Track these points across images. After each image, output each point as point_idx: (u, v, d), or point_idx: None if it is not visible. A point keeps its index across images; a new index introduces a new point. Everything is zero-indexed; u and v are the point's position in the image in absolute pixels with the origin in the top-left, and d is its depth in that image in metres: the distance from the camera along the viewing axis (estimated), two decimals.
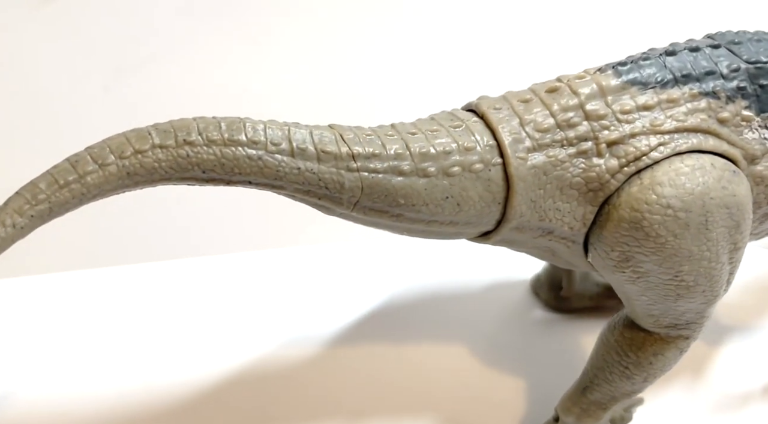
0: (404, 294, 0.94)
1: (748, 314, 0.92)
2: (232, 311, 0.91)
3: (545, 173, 0.65)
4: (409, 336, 0.88)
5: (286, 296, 0.94)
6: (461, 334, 0.89)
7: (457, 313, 0.92)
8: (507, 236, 0.68)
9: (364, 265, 0.98)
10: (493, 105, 0.67)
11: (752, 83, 0.68)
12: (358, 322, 0.90)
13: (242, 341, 0.87)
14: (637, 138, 0.65)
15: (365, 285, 0.95)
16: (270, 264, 0.99)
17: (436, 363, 0.85)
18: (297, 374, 0.83)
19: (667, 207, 0.63)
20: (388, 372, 0.84)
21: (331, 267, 0.99)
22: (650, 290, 0.68)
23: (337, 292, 0.94)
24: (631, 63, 0.68)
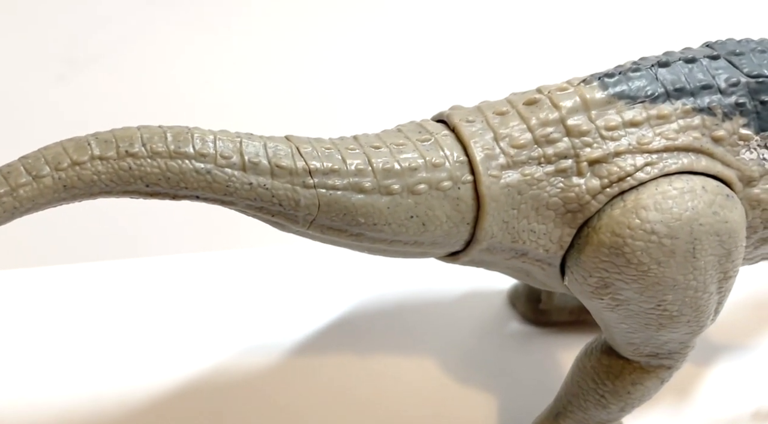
0: (373, 302, 0.90)
1: (740, 333, 0.88)
2: (191, 315, 0.87)
3: (520, 193, 0.60)
4: (376, 347, 0.84)
5: (250, 301, 0.90)
6: (431, 346, 0.85)
7: (429, 323, 0.88)
8: (477, 257, 0.64)
9: (333, 270, 0.93)
10: (466, 117, 0.62)
11: (752, 99, 0.63)
12: (324, 331, 0.86)
13: (201, 347, 0.83)
14: (621, 157, 0.60)
15: (333, 292, 0.91)
16: (233, 266, 0.95)
17: (403, 376, 0.82)
18: (257, 384, 0.80)
19: (651, 233, 0.59)
20: (351, 384, 0.80)
21: (299, 271, 0.94)
22: (630, 318, 0.63)
23: (303, 298, 0.90)
24: (620, 74, 0.63)
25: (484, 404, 0.79)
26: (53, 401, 0.76)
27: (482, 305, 0.90)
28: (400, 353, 0.84)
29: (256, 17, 1.27)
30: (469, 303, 0.90)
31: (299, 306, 0.89)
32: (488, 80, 1.16)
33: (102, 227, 0.93)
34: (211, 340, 0.84)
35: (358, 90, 1.24)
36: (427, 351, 0.84)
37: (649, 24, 1.31)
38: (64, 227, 0.89)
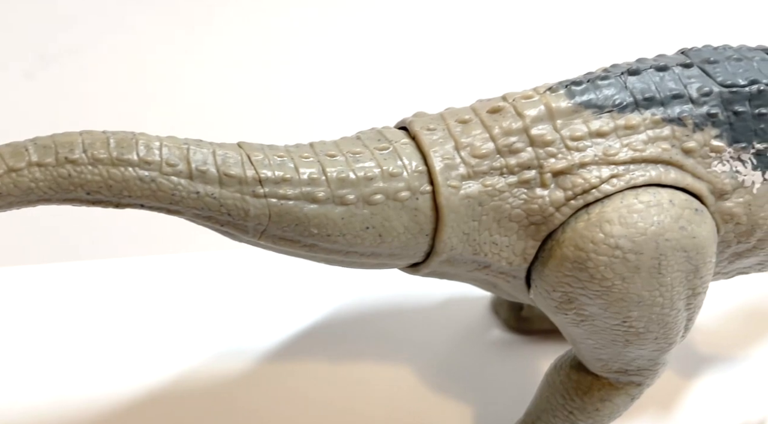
0: (351, 307, 0.88)
1: (728, 344, 0.85)
2: (163, 319, 0.86)
3: (480, 204, 0.58)
4: (352, 353, 0.83)
5: (224, 305, 0.88)
6: (409, 352, 0.83)
7: (408, 329, 0.86)
8: (438, 268, 0.62)
9: (310, 275, 0.91)
10: (427, 125, 0.60)
11: (725, 110, 0.60)
12: (298, 336, 0.84)
13: (172, 351, 0.82)
14: (587, 168, 0.58)
15: (309, 296, 0.89)
16: (209, 268, 0.93)
17: (379, 384, 0.80)
18: (228, 390, 0.78)
19: (615, 248, 0.57)
20: (324, 392, 0.79)
21: (275, 275, 0.92)
22: (596, 333, 0.61)
23: (279, 303, 0.88)
24: (588, 82, 0.61)
25: (461, 413, 0.77)
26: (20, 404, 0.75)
27: (464, 311, 0.89)
28: (376, 360, 0.82)
29: (230, 15, 1.26)
30: (451, 309, 0.89)
31: (275, 311, 0.88)
32: (466, 83, 1.14)
33: (69, 227, 0.92)
34: (182, 344, 0.83)
35: (335, 92, 1.21)
36: (405, 358, 0.82)
37: (635, 26, 1.28)
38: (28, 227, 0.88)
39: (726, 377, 0.81)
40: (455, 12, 1.31)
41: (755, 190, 0.61)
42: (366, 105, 1.15)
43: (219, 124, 1.10)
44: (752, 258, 0.65)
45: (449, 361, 0.83)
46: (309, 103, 1.19)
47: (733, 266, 0.66)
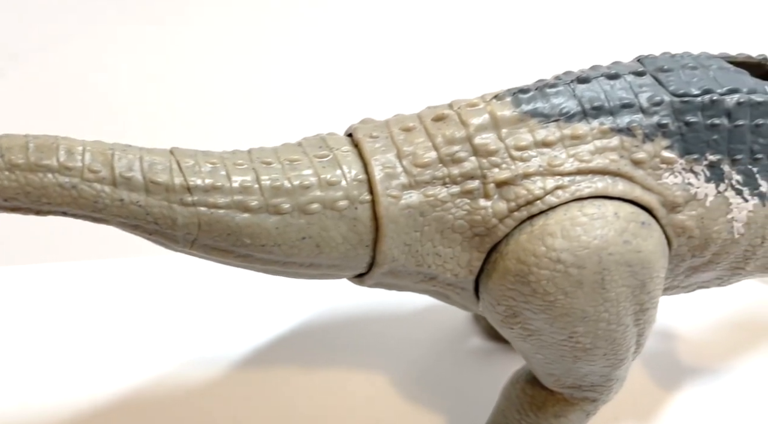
0: (327, 313, 0.87)
1: (712, 355, 0.83)
2: (133, 324, 0.85)
3: (422, 214, 0.57)
4: (327, 361, 0.81)
5: (197, 310, 0.87)
6: (387, 361, 0.81)
7: (384, 336, 0.85)
8: (382, 280, 0.61)
9: (284, 280, 0.89)
10: (371, 132, 0.59)
11: (676, 120, 0.58)
12: (272, 343, 0.83)
13: (143, 357, 0.81)
14: (531, 179, 0.56)
15: (284, 302, 0.88)
16: (182, 272, 0.92)
17: (355, 392, 0.78)
18: (200, 399, 0.77)
19: (557, 261, 0.55)
20: (296, 400, 0.77)
21: (247, 281, 0.90)
22: (544, 348, 0.60)
23: (251, 309, 0.87)
24: (535, 90, 0.59)
25: (438, 422, 0.75)
26: None
27: (444, 319, 0.87)
28: (353, 368, 0.81)
29: (202, 13, 1.24)
30: (430, 316, 0.87)
31: (250, 317, 0.87)
32: (443, 84, 1.12)
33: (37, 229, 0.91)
34: (154, 350, 0.82)
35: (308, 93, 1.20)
36: (382, 367, 0.81)
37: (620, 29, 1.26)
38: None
39: (709, 389, 0.79)
40: (435, 12, 1.30)
41: (708, 203, 0.59)
42: (340, 106, 1.14)
43: (189, 122, 1.09)
44: (709, 272, 0.64)
45: (428, 369, 0.81)
46: (282, 104, 1.18)
47: (691, 280, 0.64)
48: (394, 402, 0.77)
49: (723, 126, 0.58)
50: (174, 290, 0.90)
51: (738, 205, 0.59)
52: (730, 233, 0.60)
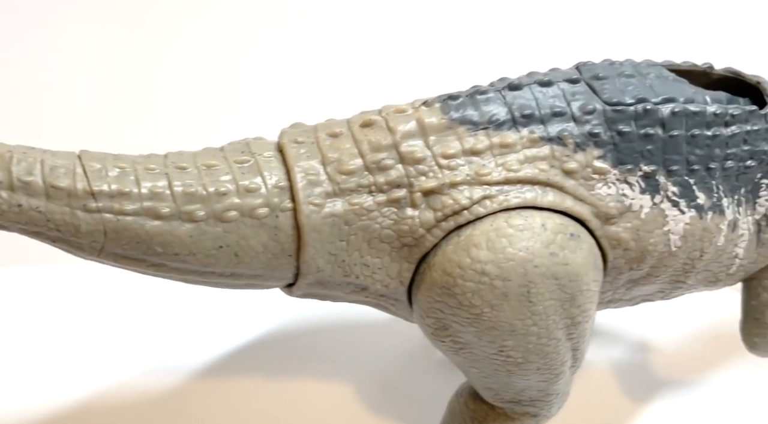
0: (291, 320, 0.85)
1: (687, 367, 0.82)
2: (96, 330, 0.83)
3: (347, 223, 0.55)
4: (290, 369, 0.79)
5: (152, 317, 0.85)
6: (352, 370, 0.80)
7: (351, 344, 0.83)
8: (311, 291, 0.59)
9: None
10: (296, 137, 0.57)
11: (609, 129, 0.56)
12: (234, 351, 0.81)
13: (103, 365, 0.79)
14: (458, 188, 0.55)
15: (246, 307, 0.86)
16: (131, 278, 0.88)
17: (318, 402, 0.76)
18: (158, 409, 0.75)
19: (482, 273, 0.53)
20: (260, 410, 0.75)
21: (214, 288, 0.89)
22: (477, 362, 0.58)
23: (212, 314, 0.86)
24: (466, 97, 0.57)
25: None
26: None
27: (412, 326, 0.85)
28: (317, 377, 0.79)
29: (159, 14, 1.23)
30: (398, 325, 0.86)
31: (212, 325, 0.85)
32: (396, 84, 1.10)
33: None
34: (116, 358, 0.80)
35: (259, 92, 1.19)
36: (348, 375, 0.79)
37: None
38: None
39: (682, 402, 0.77)
40: (411, 10, 1.28)
41: (643, 215, 0.57)
42: (313, 106, 1.12)
43: (142, 123, 1.08)
44: (650, 286, 0.62)
45: (395, 378, 0.80)
46: (252, 104, 1.16)
47: (633, 293, 0.63)
48: (360, 411, 0.76)
49: (657, 136, 0.57)
50: (138, 297, 0.88)
51: (674, 218, 0.58)
52: (666, 246, 0.58)
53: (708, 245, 0.59)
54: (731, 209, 0.60)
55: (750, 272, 0.65)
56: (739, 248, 0.61)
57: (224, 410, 0.75)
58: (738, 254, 0.61)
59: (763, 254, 0.63)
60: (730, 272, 0.63)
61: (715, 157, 0.58)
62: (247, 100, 1.17)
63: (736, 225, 0.60)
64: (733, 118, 0.58)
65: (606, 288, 0.61)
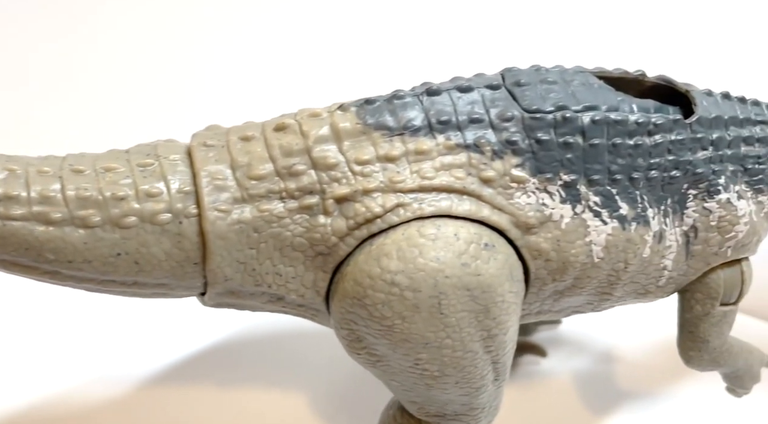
0: (242, 328, 0.83)
1: (652, 379, 0.80)
2: (40, 339, 0.81)
3: (256, 230, 0.53)
4: (239, 379, 0.77)
5: (96, 325, 0.83)
6: (302, 379, 0.78)
7: (302, 353, 0.82)
8: (224, 300, 0.57)
9: None
10: (206, 140, 0.55)
11: (527, 137, 0.55)
12: (183, 359, 0.79)
13: (48, 373, 0.76)
14: (371, 195, 0.53)
15: (196, 315, 0.83)
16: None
17: (267, 413, 0.74)
18: (100, 418, 0.72)
19: (391, 284, 0.51)
20: (208, 420, 0.73)
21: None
22: (396, 375, 0.56)
23: (161, 322, 0.84)
24: (383, 101, 0.55)
25: None
26: None
27: None
28: (268, 387, 0.77)
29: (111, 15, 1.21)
30: None
31: (161, 333, 0.83)
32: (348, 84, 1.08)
33: None
34: (60, 367, 0.77)
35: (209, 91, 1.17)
36: (298, 385, 0.77)
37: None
38: None
39: (646, 415, 0.76)
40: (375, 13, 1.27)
41: (564, 226, 0.55)
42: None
43: (96, 124, 1.06)
44: (577, 297, 0.60)
45: (345, 388, 0.78)
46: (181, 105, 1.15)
47: (561, 304, 0.61)
48: (311, 421, 0.74)
49: (577, 145, 0.55)
50: (81, 305, 0.85)
51: (596, 228, 0.56)
52: (588, 257, 0.56)
53: (632, 256, 0.58)
54: (657, 220, 0.58)
55: (682, 285, 0.63)
56: (667, 259, 0.60)
57: (173, 420, 0.73)
58: (666, 266, 0.60)
59: (693, 267, 0.61)
60: (659, 284, 0.61)
61: (639, 166, 0.57)
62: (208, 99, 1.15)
63: (662, 236, 0.59)
64: (656, 128, 0.57)
65: (532, 299, 0.59)
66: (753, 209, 0.60)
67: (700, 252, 0.60)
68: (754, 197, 0.61)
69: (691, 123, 0.58)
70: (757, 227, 0.61)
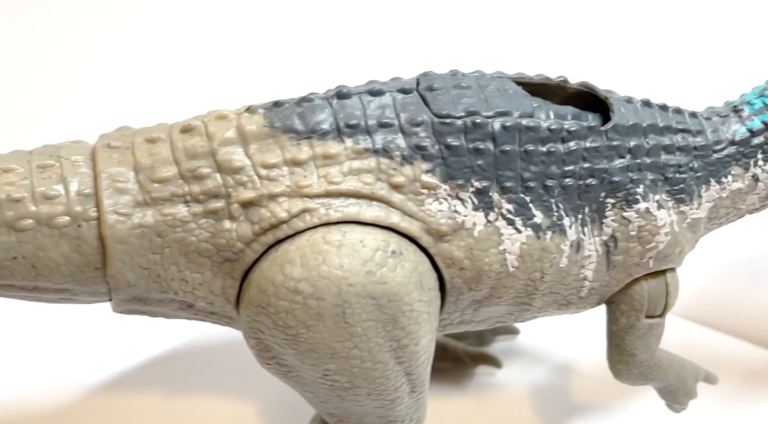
0: (195, 337, 0.82)
1: (608, 392, 0.78)
2: None
3: (159, 235, 0.52)
4: (191, 388, 0.75)
5: (39, 331, 0.81)
6: (256, 389, 0.76)
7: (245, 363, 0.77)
8: (131, 307, 0.55)
9: None
10: (111, 141, 0.54)
11: (437, 142, 0.54)
12: (133, 367, 0.77)
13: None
14: (276, 200, 0.52)
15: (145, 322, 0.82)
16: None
17: (216, 422, 0.73)
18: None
19: (295, 292, 0.50)
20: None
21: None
22: (308, 386, 0.55)
23: (112, 328, 0.81)
24: (293, 104, 0.54)
25: None
26: None
27: None
28: (220, 397, 0.75)
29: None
30: None
31: (111, 340, 0.81)
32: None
33: None
34: (5, 373, 0.76)
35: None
36: (251, 395, 0.75)
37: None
38: None
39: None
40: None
41: (477, 233, 0.54)
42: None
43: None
44: (497, 307, 0.59)
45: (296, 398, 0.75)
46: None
47: (481, 314, 0.60)
48: None
49: (489, 151, 0.54)
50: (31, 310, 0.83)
51: (510, 237, 0.55)
52: (503, 266, 0.55)
53: (549, 266, 0.56)
54: (574, 229, 0.57)
55: (606, 296, 0.62)
56: (588, 270, 0.58)
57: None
58: (587, 276, 0.59)
59: (615, 277, 0.60)
60: (581, 295, 0.60)
61: (553, 174, 0.56)
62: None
63: (580, 246, 0.57)
64: (570, 135, 0.56)
65: (451, 309, 0.58)
66: (674, 219, 0.59)
67: (621, 262, 0.59)
68: (676, 207, 0.60)
69: (607, 130, 0.57)
70: (679, 237, 0.60)
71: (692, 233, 0.61)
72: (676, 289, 0.62)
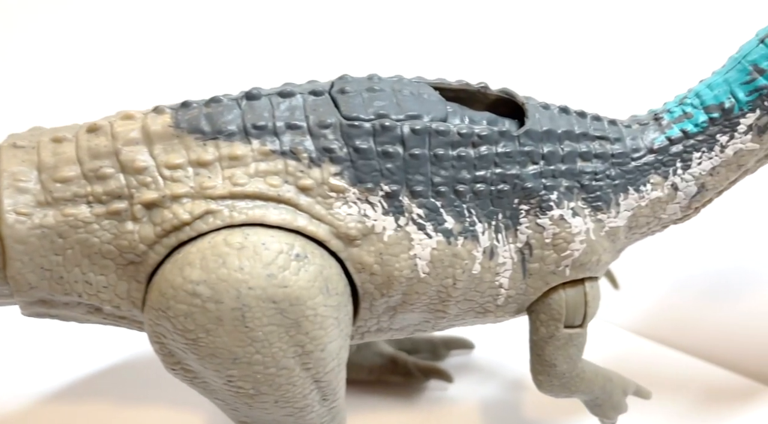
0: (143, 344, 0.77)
1: (561, 407, 0.77)
2: None
3: (61, 236, 0.51)
4: (142, 397, 0.74)
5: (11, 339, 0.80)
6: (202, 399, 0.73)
7: None
8: (38, 310, 0.54)
9: None
10: (17, 140, 0.53)
11: (345, 145, 0.53)
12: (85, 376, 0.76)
13: None
14: (179, 201, 0.51)
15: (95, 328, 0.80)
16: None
17: None
18: None
19: (193, 295, 0.49)
20: None
21: None
22: (215, 393, 0.54)
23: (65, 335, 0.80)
24: (201, 105, 0.54)
25: None
26: None
27: None
28: (171, 406, 0.74)
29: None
30: None
31: (65, 347, 0.80)
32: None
33: None
34: None
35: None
36: (198, 407, 0.74)
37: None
38: None
39: None
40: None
41: (387, 238, 0.54)
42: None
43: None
44: (411, 314, 0.58)
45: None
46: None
47: (398, 322, 0.59)
48: None
49: (398, 154, 0.54)
50: None
51: (420, 242, 0.54)
52: (414, 271, 0.55)
53: (461, 272, 0.56)
54: (487, 235, 0.56)
55: (524, 304, 0.61)
56: (503, 277, 0.58)
57: None
58: (502, 284, 0.58)
59: (532, 285, 0.60)
60: (498, 303, 0.60)
61: (464, 179, 0.55)
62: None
63: (494, 252, 0.57)
64: (481, 139, 0.55)
65: (367, 316, 0.57)
66: (591, 227, 0.59)
67: (537, 270, 0.58)
68: (593, 215, 0.59)
69: (520, 136, 0.56)
70: (596, 246, 0.59)
71: (611, 242, 0.61)
72: (596, 299, 0.62)
